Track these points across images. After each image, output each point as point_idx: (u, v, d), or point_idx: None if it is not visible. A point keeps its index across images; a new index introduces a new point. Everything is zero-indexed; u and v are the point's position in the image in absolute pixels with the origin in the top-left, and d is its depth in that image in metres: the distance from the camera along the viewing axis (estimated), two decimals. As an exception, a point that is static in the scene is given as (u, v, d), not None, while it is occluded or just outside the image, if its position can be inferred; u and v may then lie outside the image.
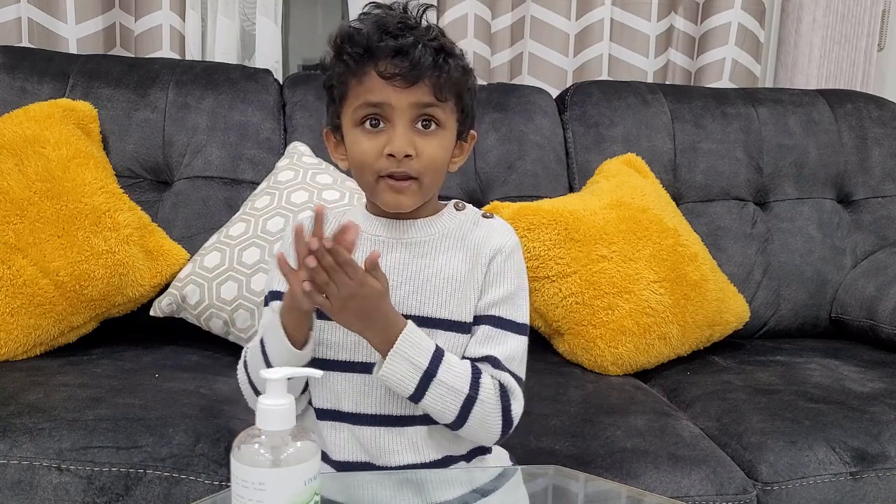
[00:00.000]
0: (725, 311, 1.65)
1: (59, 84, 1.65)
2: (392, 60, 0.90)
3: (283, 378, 0.70)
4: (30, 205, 1.41)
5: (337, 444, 0.98)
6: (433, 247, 0.98)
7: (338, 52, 0.94)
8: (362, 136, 0.93)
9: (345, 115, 0.96)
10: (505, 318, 0.98)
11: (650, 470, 1.16)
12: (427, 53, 0.91)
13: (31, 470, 1.06)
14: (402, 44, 0.90)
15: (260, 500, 0.67)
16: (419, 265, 0.97)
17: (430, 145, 0.93)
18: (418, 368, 0.91)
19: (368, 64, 0.91)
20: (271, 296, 1.01)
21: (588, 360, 1.53)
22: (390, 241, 0.98)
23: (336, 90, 0.95)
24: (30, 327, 1.38)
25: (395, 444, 0.97)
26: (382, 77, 0.90)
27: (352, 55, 0.91)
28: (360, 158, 0.94)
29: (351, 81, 0.93)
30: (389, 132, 0.92)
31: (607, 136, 1.83)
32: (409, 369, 0.91)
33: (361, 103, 0.92)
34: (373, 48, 0.90)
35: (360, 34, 0.91)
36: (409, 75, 0.90)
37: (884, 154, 1.93)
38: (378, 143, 0.92)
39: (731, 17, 2.13)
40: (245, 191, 1.63)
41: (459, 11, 2.02)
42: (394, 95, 0.91)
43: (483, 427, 0.95)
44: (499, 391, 0.95)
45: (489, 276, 0.98)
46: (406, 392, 0.92)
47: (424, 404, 0.93)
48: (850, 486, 1.21)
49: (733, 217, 1.84)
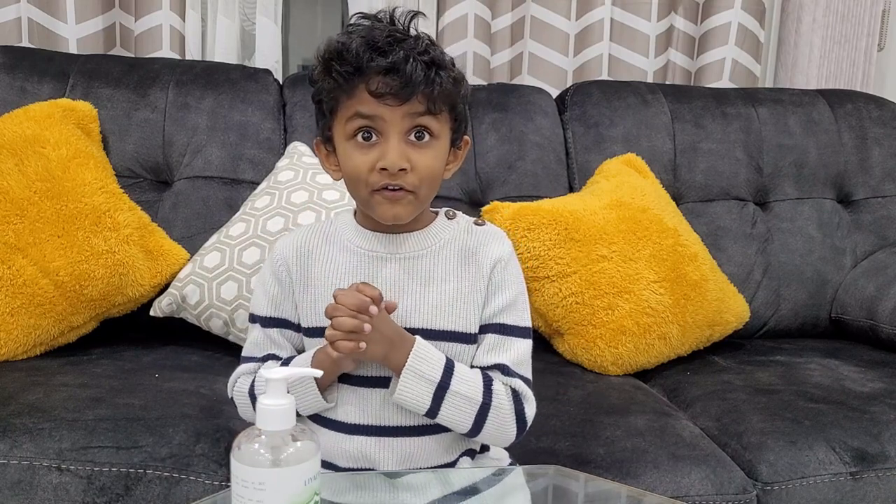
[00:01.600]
0: (725, 311, 1.65)
1: (59, 84, 1.65)
2: (383, 78, 0.88)
3: (283, 378, 0.70)
4: (30, 205, 1.41)
5: (342, 452, 0.98)
6: (430, 259, 0.98)
7: (326, 69, 0.91)
8: (355, 150, 0.92)
9: (336, 128, 0.94)
10: (509, 324, 0.99)
11: (650, 470, 1.16)
12: (418, 69, 0.88)
13: (31, 470, 1.06)
14: (393, 61, 0.87)
15: (260, 500, 0.67)
16: (418, 279, 0.97)
17: (425, 157, 0.92)
18: (431, 383, 0.92)
19: (359, 82, 0.89)
20: (266, 321, 1.01)
21: (588, 360, 1.53)
22: (386, 255, 0.97)
23: (326, 104, 0.93)
24: (30, 327, 1.38)
25: (394, 454, 0.97)
26: (373, 95, 0.89)
27: (341, 73, 0.89)
28: (353, 173, 0.92)
29: (341, 97, 0.91)
30: (382, 146, 0.90)
31: (607, 136, 1.83)
32: (422, 385, 0.91)
33: (353, 114, 0.90)
34: (362, 67, 0.88)
35: (348, 51, 0.88)
36: (401, 93, 0.88)
37: (884, 154, 1.93)
38: (371, 157, 0.90)
39: (731, 17, 2.13)
40: (245, 191, 1.63)
41: (459, 11, 2.02)
42: (385, 110, 0.89)
43: (500, 431, 0.96)
44: (511, 396, 0.96)
45: (492, 287, 0.98)
46: (422, 408, 0.92)
47: (441, 418, 0.93)
48: (850, 486, 1.21)
49: (733, 217, 1.84)
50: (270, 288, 1.00)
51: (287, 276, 0.99)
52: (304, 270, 0.99)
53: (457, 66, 0.95)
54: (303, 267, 0.99)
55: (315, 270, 0.98)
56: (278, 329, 1.01)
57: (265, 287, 1.01)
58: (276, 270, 1.00)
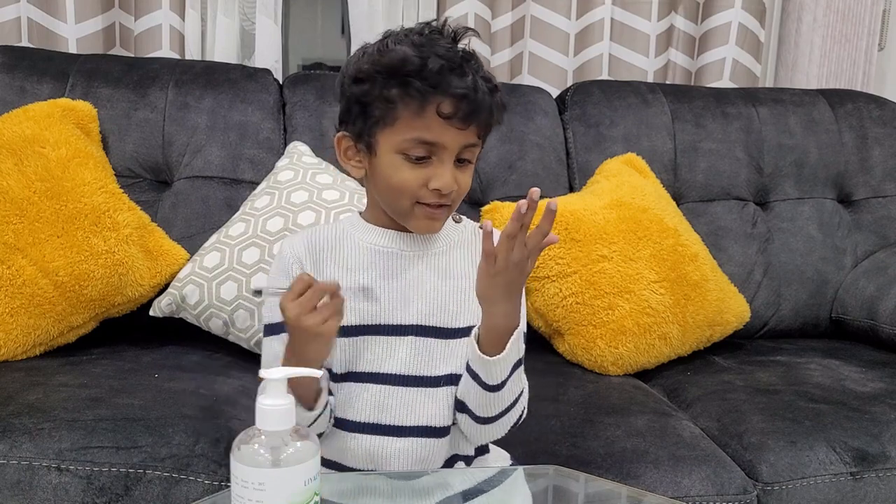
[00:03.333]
0: (726, 311, 1.64)
1: (59, 84, 1.65)
2: (455, 102, 0.89)
3: (283, 378, 0.70)
4: (29, 204, 1.41)
5: (350, 452, 0.99)
6: (447, 259, 1.00)
7: (401, 83, 0.90)
8: (405, 166, 0.93)
9: (385, 138, 0.93)
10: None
11: (650, 470, 1.16)
12: (486, 95, 0.92)
13: (30, 470, 1.06)
14: (467, 86, 0.89)
15: (260, 500, 0.66)
16: (437, 277, 0.99)
17: (467, 177, 0.95)
18: (520, 353, 0.94)
19: (432, 101, 0.89)
20: (278, 328, 0.98)
21: (588, 360, 1.53)
22: (409, 254, 0.99)
23: (377, 109, 0.92)
24: (29, 327, 1.38)
25: (401, 453, 0.97)
26: (441, 116, 0.90)
27: (420, 90, 0.89)
28: (400, 185, 0.93)
29: (405, 113, 0.91)
30: (435, 167, 0.92)
31: (608, 135, 1.83)
32: (515, 354, 0.92)
33: (415, 139, 0.91)
34: (442, 86, 0.89)
35: (427, 69, 0.89)
36: (469, 118, 0.90)
37: (884, 154, 1.93)
38: (421, 175, 0.92)
39: (732, 16, 2.13)
40: (245, 191, 1.63)
41: (459, 11, 2.02)
42: (448, 136, 0.91)
43: (508, 422, 0.98)
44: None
45: None
46: (502, 376, 0.93)
47: (500, 394, 0.94)
48: (851, 486, 1.21)
49: (734, 217, 1.84)
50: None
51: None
52: (317, 269, 0.99)
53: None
54: (315, 265, 0.99)
55: (328, 271, 0.98)
56: None
57: (278, 292, 1.00)
58: (288, 270, 0.99)
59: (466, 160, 0.95)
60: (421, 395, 0.98)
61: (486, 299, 0.90)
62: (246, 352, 1.49)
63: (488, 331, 0.91)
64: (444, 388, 0.98)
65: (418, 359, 0.98)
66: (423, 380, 0.98)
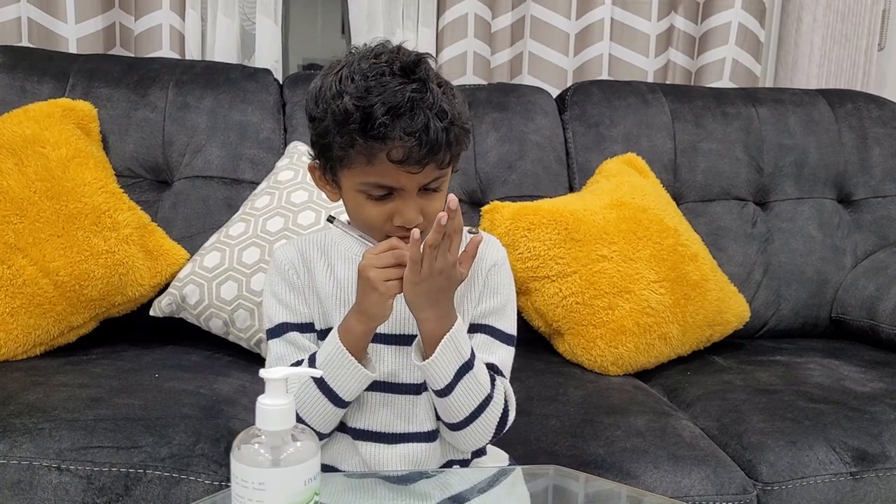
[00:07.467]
0: (726, 311, 1.64)
1: (59, 84, 1.65)
2: (405, 145, 0.86)
3: (283, 378, 0.70)
4: (30, 204, 1.41)
5: (345, 458, 1.00)
6: None
7: (343, 132, 0.88)
8: (368, 203, 0.92)
9: (345, 177, 0.93)
10: (498, 328, 1.01)
11: (650, 470, 1.16)
12: (440, 133, 0.87)
13: (30, 470, 1.06)
14: (417, 128, 0.86)
15: (260, 500, 0.66)
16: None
17: (434, 204, 0.93)
18: (461, 358, 0.92)
19: (381, 150, 0.87)
20: (286, 328, 1.00)
21: (588, 360, 1.53)
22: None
23: (334, 151, 0.91)
24: (29, 327, 1.38)
25: (393, 459, 0.98)
26: (393, 162, 0.88)
27: (365, 145, 0.87)
28: (365, 221, 0.94)
29: (358, 159, 0.89)
30: (397, 203, 0.91)
31: (607, 135, 1.83)
32: (454, 359, 0.91)
33: (371, 182, 0.90)
34: (386, 135, 0.86)
35: (370, 119, 0.86)
36: (424, 159, 0.88)
37: (884, 154, 1.93)
38: (384, 211, 0.92)
39: (732, 16, 2.13)
40: (245, 190, 1.63)
41: (459, 11, 2.02)
42: (404, 179, 0.89)
43: (483, 429, 0.96)
44: (504, 395, 0.98)
45: (487, 288, 1.01)
46: (443, 382, 0.92)
47: (450, 399, 0.93)
48: (851, 486, 1.21)
49: (733, 217, 1.84)
50: (283, 294, 1.01)
51: (297, 278, 1.01)
52: (308, 276, 1.01)
53: (459, 99, 0.93)
54: (308, 272, 1.01)
55: (319, 278, 1.00)
56: (300, 333, 1.00)
57: (277, 297, 1.01)
58: (285, 274, 1.01)
59: (433, 189, 0.93)
60: (406, 402, 0.99)
61: (415, 306, 0.90)
62: (246, 352, 1.49)
63: (423, 337, 0.92)
64: (427, 393, 0.99)
65: (402, 366, 0.99)
66: (407, 387, 0.99)
